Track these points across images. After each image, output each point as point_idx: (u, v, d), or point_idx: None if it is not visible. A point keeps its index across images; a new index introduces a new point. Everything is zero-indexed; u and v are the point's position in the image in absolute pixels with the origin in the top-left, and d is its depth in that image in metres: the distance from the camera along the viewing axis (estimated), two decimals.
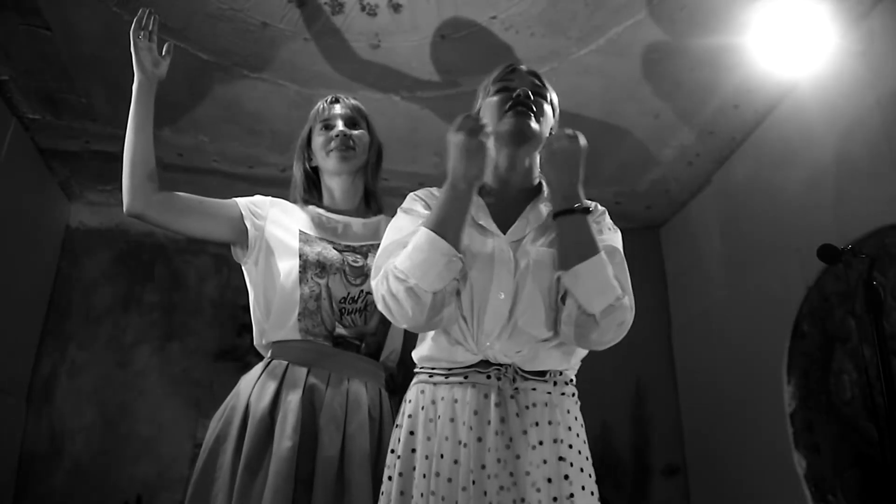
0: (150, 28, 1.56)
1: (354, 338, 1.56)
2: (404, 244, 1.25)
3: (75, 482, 3.08)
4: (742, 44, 2.34)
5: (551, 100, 1.43)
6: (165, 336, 3.39)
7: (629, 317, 1.25)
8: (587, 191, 1.34)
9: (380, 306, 1.27)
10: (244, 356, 3.34)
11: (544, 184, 1.42)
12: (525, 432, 1.20)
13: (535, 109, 1.36)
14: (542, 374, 1.26)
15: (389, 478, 1.26)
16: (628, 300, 1.25)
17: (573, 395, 1.30)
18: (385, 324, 1.60)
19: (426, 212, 1.34)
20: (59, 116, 2.82)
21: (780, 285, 2.63)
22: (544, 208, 1.37)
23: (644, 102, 2.72)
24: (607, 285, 1.22)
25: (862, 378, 2.18)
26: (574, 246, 1.23)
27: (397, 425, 1.32)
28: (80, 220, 3.51)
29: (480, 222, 1.33)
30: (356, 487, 1.39)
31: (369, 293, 1.54)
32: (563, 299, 1.23)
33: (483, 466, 1.17)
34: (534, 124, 1.36)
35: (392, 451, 1.29)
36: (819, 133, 2.43)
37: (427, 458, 1.21)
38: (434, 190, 1.42)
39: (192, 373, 3.35)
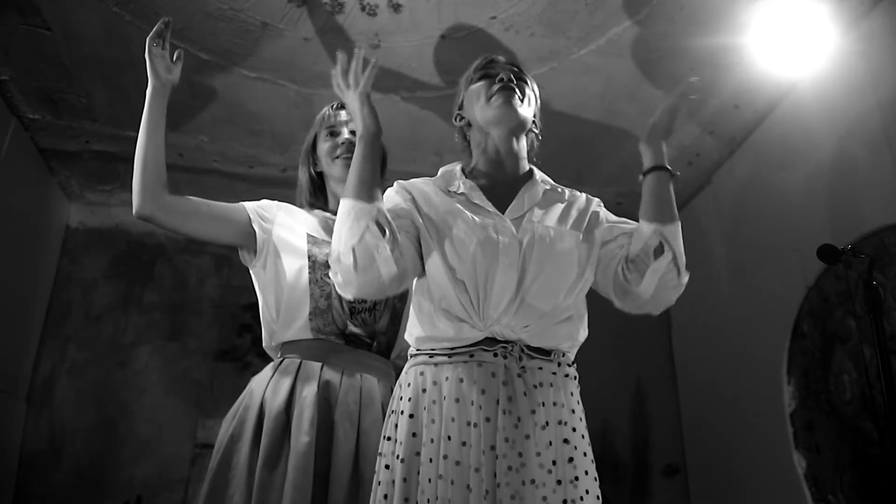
0: (165, 36, 1.57)
1: (366, 336, 1.58)
2: None
3: (75, 482, 3.08)
4: (742, 44, 2.34)
5: (533, 88, 1.43)
6: (165, 336, 3.39)
7: None
8: (587, 190, 1.35)
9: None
10: (244, 356, 3.34)
11: (535, 170, 1.42)
12: (533, 412, 1.18)
13: (519, 91, 1.37)
14: (547, 353, 1.24)
15: (387, 466, 1.23)
16: None
17: (575, 377, 1.29)
18: (395, 323, 1.62)
19: (402, 202, 1.32)
20: (59, 116, 2.82)
21: (780, 285, 2.63)
22: (539, 189, 1.37)
23: (644, 102, 2.72)
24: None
25: (862, 378, 2.18)
26: (669, 202, 1.32)
27: (392, 411, 1.28)
28: (80, 220, 3.51)
29: (476, 201, 1.31)
30: (371, 483, 1.39)
31: None
32: (642, 258, 1.29)
33: (492, 447, 1.14)
34: (520, 105, 1.36)
35: (389, 439, 1.25)
36: (819, 133, 2.43)
37: (433, 441, 1.18)
38: (403, 182, 1.39)
39: (192, 373, 3.35)
